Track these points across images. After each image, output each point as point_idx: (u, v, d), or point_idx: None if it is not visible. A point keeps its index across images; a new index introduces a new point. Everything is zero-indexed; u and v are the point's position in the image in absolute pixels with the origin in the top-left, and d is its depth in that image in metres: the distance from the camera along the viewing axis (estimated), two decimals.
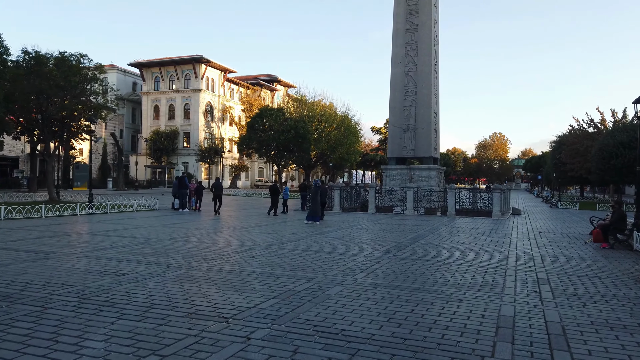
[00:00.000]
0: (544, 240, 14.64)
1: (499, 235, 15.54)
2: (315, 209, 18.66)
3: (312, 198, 18.92)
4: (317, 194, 19.04)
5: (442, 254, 11.19)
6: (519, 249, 12.54)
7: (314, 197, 18.90)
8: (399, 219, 22.04)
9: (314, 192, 19.27)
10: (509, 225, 19.76)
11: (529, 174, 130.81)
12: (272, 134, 48.52)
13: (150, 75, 75.28)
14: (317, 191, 19.19)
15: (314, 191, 19.29)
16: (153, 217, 19.76)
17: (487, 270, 9.11)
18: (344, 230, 16.00)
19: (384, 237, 14.21)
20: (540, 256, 11.25)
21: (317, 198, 18.87)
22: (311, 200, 19.03)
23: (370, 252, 11.10)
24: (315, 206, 18.73)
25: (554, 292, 7.42)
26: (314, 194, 19.04)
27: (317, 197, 18.96)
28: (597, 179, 42.61)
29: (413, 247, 12.22)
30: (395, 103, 29.62)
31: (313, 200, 18.82)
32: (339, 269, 8.82)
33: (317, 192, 19.10)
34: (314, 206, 18.70)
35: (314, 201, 18.79)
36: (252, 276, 7.97)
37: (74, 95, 26.21)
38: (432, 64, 29.11)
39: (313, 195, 19.04)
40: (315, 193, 19.06)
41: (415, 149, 29.14)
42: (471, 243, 13.39)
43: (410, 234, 15.27)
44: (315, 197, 18.87)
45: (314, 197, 18.90)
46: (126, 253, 10.12)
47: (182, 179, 23.70)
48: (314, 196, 18.92)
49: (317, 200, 18.89)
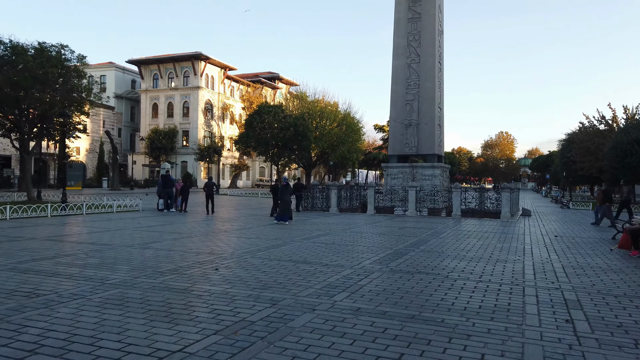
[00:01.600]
0: (562, 246, 12.86)
1: (510, 240, 13.77)
2: (285, 208, 17.83)
3: (280, 197, 18.07)
4: (284, 192, 18.13)
5: (446, 264, 9.45)
6: (536, 257, 10.77)
7: (281, 196, 18.04)
8: (400, 220, 20.29)
9: (281, 191, 18.35)
10: (520, 228, 17.97)
11: (535, 174, 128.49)
12: (271, 132, 46.84)
13: (148, 72, 73.86)
14: (284, 190, 18.28)
15: (282, 190, 18.37)
16: (130, 219, 18.13)
17: (500, 288, 7.36)
18: (335, 235, 14.28)
19: (380, 243, 12.48)
20: (562, 267, 9.49)
21: (285, 197, 17.97)
22: (280, 199, 18.17)
23: (360, 262, 9.38)
24: (285, 206, 17.87)
25: (590, 321, 5.67)
26: (281, 193, 18.16)
27: (287, 197, 18.07)
28: (611, 178, 40.62)
29: (411, 255, 10.48)
30: (397, 97, 27.86)
31: (281, 199, 17.95)
32: (316, 286, 7.11)
33: (284, 191, 18.18)
34: (282, 206, 17.86)
35: (282, 200, 17.91)
36: (202, 298, 6.27)
37: (54, 88, 24.59)
38: (436, 55, 27.32)
39: (280, 194, 18.17)
40: (282, 192, 18.17)
41: (418, 146, 27.36)
42: (479, 250, 11.64)
43: (409, 239, 13.53)
44: (283, 196, 17.99)
45: (281, 196, 18.04)
46: (64, 264, 8.46)
47: (166, 178, 22.09)
48: (281, 195, 18.06)
49: (286, 199, 18.01)
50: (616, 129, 50.67)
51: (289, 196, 18.30)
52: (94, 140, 68.88)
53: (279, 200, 18.25)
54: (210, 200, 22.84)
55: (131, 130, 77.78)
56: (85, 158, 69.73)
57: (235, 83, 79.82)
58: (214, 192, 24.22)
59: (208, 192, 23.03)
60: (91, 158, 69.45)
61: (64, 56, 25.09)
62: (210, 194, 23.18)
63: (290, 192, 19.00)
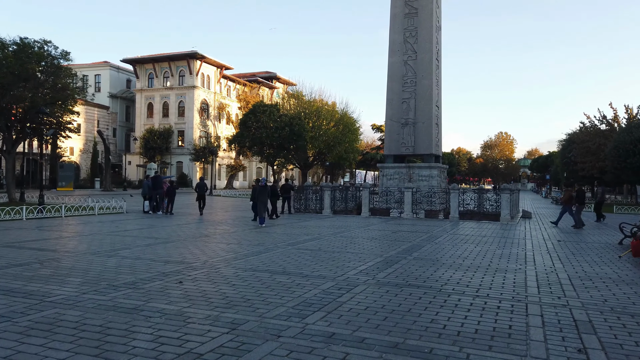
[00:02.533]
0: (567, 252, 11.95)
1: (510, 246, 12.86)
2: (261, 210, 17.25)
3: (258, 198, 17.49)
4: (262, 194, 17.55)
5: (440, 274, 8.54)
6: (539, 265, 9.86)
7: (258, 197, 17.46)
8: (395, 223, 19.38)
9: (258, 192, 17.76)
10: (521, 231, 17.06)
11: (535, 174, 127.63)
12: (266, 132, 45.90)
13: (143, 72, 72.92)
14: (262, 191, 17.66)
15: (259, 191, 17.75)
16: (109, 222, 17.19)
17: (500, 305, 6.45)
18: (324, 239, 13.36)
19: (370, 249, 11.56)
20: (568, 277, 8.58)
21: (263, 198, 17.43)
22: (257, 200, 17.60)
23: (345, 272, 8.47)
24: (262, 207, 17.28)
25: (607, 351, 4.76)
26: (258, 194, 17.60)
27: (264, 198, 17.56)
28: (613, 179, 39.76)
29: (403, 264, 9.56)
30: (393, 95, 26.95)
31: (258, 200, 17.38)
32: (288, 304, 6.19)
33: (262, 192, 17.59)
34: (259, 207, 17.27)
35: (259, 202, 17.33)
36: (149, 321, 5.34)
37: (36, 86, 23.61)
38: (433, 51, 26.42)
39: (257, 195, 17.61)
40: (260, 193, 17.59)
41: (414, 146, 26.45)
42: (477, 257, 10.72)
43: (403, 244, 12.61)
44: (260, 197, 17.42)
45: (258, 197, 17.46)
46: (10, 277, 7.53)
47: (156, 179, 21.16)
48: (258, 196, 17.49)
49: (263, 200, 17.40)
50: (617, 128, 49.82)
51: (265, 197, 17.74)
52: (88, 140, 67.92)
53: (257, 202, 17.67)
54: (201, 201, 22.63)
55: (126, 130, 76.83)
56: (79, 158, 68.78)
57: (231, 83, 78.91)
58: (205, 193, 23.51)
59: (200, 193, 22.71)
60: (85, 158, 68.47)
61: (47, 52, 24.12)
62: (203, 194, 22.88)
63: (267, 193, 18.39)
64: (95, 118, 71.79)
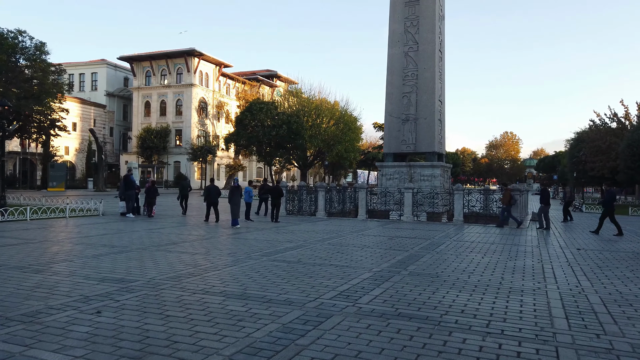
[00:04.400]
0: (590, 263, 10.16)
1: (524, 256, 11.08)
2: (234, 211, 16.51)
3: (229, 200, 16.88)
4: (235, 194, 16.94)
5: (440, 297, 6.79)
6: (561, 283, 8.09)
7: (231, 198, 16.86)
8: (393, 227, 17.63)
9: (230, 192, 17.27)
10: (532, 237, 15.26)
11: (541, 174, 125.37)
12: (262, 130, 44.21)
13: (141, 69, 71.43)
14: (234, 191, 17.12)
15: (231, 191, 17.27)
16: (75, 227, 15.54)
17: (520, 351, 4.69)
18: (308, 247, 11.63)
19: (358, 261, 9.82)
20: (601, 301, 6.81)
21: (235, 199, 16.72)
22: (229, 202, 16.99)
23: (320, 294, 6.74)
24: (235, 208, 16.51)
25: None
26: (231, 195, 17.04)
27: (237, 199, 16.81)
28: (626, 179, 37.79)
29: (395, 281, 7.82)
30: (393, 89, 25.19)
31: (231, 201, 16.75)
32: (226, 350, 4.46)
33: (234, 193, 17.01)
34: (232, 208, 16.55)
35: (231, 203, 16.67)
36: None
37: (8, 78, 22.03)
38: (436, 42, 24.63)
39: (230, 196, 17.05)
40: (232, 194, 17.05)
41: (416, 143, 24.69)
42: (485, 271, 8.97)
43: (398, 254, 10.86)
44: (233, 198, 16.79)
45: (231, 198, 16.86)
46: None
47: (127, 178, 19.50)
48: (231, 197, 16.88)
49: (235, 201, 16.65)
50: (629, 126, 47.81)
51: (238, 198, 16.88)
52: (84, 139, 66.47)
53: (229, 203, 16.78)
54: (184, 201, 21.88)
55: (123, 129, 75.42)
56: (75, 158, 67.40)
57: (231, 81, 77.33)
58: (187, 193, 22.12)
59: (183, 193, 21.80)
60: (81, 158, 67.05)
61: (21, 43, 22.52)
62: (186, 194, 21.98)
63: (240, 194, 17.38)
64: (92, 117, 70.39)
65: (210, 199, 18.07)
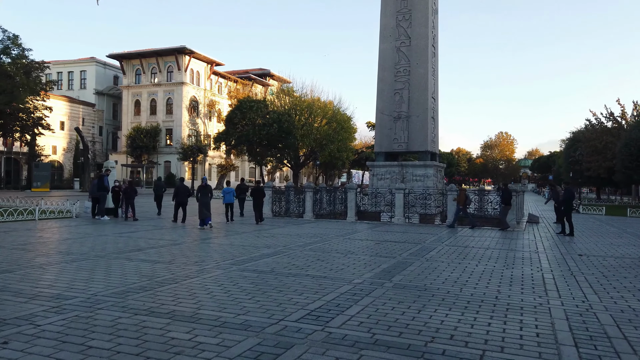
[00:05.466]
0: (595, 272, 9.22)
1: (521, 263, 10.12)
2: (202, 210, 15.83)
3: (199, 199, 16.18)
4: (204, 194, 16.18)
5: (426, 317, 5.81)
6: (565, 296, 7.13)
7: (200, 197, 16.12)
8: (382, 230, 16.65)
9: (198, 191, 16.49)
10: (530, 241, 14.33)
11: (536, 175, 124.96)
12: (252, 129, 43.13)
13: (130, 67, 70.13)
14: (203, 191, 16.33)
15: (199, 190, 16.48)
16: (41, 230, 14.44)
17: None
18: (287, 254, 10.62)
19: (339, 270, 8.82)
20: (613, 321, 5.86)
21: (205, 199, 15.98)
22: (198, 201, 16.30)
23: (286, 315, 5.73)
24: (203, 208, 15.83)
25: None
26: (199, 194, 16.28)
27: (205, 198, 16.02)
28: (623, 179, 37.04)
29: (376, 296, 6.82)
30: (384, 85, 24.25)
31: (199, 201, 16.08)
32: None
33: (203, 192, 16.23)
34: (200, 208, 15.91)
35: (200, 202, 16.00)
36: None
37: None
38: (429, 37, 23.70)
39: (197, 196, 16.40)
40: (200, 193, 16.29)
41: (408, 142, 23.75)
42: (480, 282, 8.00)
43: (384, 261, 9.88)
44: (202, 197, 16.04)
45: (200, 197, 16.12)
46: None
47: (101, 178, 18.41)
48: (200, 197, 16.14)
49: (205, 201, 15.93)
50: (626, 126, 47.16)
51: (208, 198, 16.14)
52: (72, 138, 65.09)
53: (197, 202, 16.01)
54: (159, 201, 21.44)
55: (112, 128, 74.09)
56: (63, 158, 66.02)
57: (223, 79, 76.15)
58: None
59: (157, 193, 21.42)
60: (69, 157, 65.66)
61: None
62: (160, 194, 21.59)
63: (209, 193, 16.57)
64: (80, 116, 69.04)
65: (179, 198, 17.75)
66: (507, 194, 17.87)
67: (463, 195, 18.11)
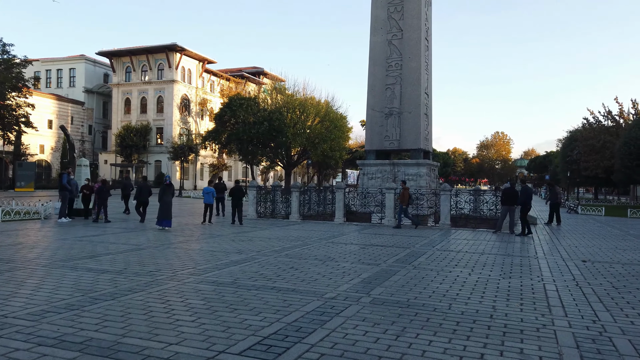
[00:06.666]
0: (604, 282, 8.14)
1: (520, 272, 9.03)
2: (165, 210, 15.00)
3: (159, 198, 15.31)
4: (166, 193, 15.47)
5: (403, 346, 4.69)
6: (572, 314, 6.04)
7: (162, 197, 15.29)
8: (371, 233, 15.54)
9: (161, 190, 15.72)
10: (528, 244, 13.26)
11: (532, 175, 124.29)
12: (242, 127, 41.93)
13: (120, 65, 68.81)
14: (165, 190, 15.63)
15: (162, 190, 15.71)
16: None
17: None
18: (257, 261, 9.48)
19: (312, 281, 7.70)
20: (634, 350, 4.77)
21: (167, 198, 15.22)
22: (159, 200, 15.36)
23: (228, 346, 4.60)
24: (164, 207, 15.01)
25: None
26: (161, 193, 15.51)
27: (167, 197, 15.27)
28: (623, 179, 36.08)
29: (347, 316, 5.70)
30: (375, 80, 23.14)
31: (161, 200, 15.18)
32: None
33: (165, 191, 15.53)
34: (161, 208, 15.07)
35: (162, 202, 15.14)
36: None
37: None
38: (422, 29, 22.62)
39: (161, 194, 15.44)
40: (162, 192, 15.56)
41: (400, 139, 22.66)
42: (472, 297, 6.90)
43: (365, 270, 8.76)
44: (164, 197, 15.25)
45: (162, 197, 15.29)
46: None
47: (61, 178, 17.21)
48: (162, 196, 15.33)
49: (167, 200, 15.13)
50: (624, 125, 46.29)
51: (170, 197, 15.45)
52: (60, 137, 63.61)
53: (159, 202, 15.15)
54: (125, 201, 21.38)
55: (102, 127, 72.72)
56: (51, 157, 64.64)
57: (215, 77, 74.91)
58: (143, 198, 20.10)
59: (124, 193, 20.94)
60: (57, 157, 64.24)
61: None
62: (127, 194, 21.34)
63: (172, 192, 15.96)
64: (69, 114, 67.70)
65: (141, 197, 17.08)
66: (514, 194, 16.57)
67: (406, 194, 17.55)
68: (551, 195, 20.97)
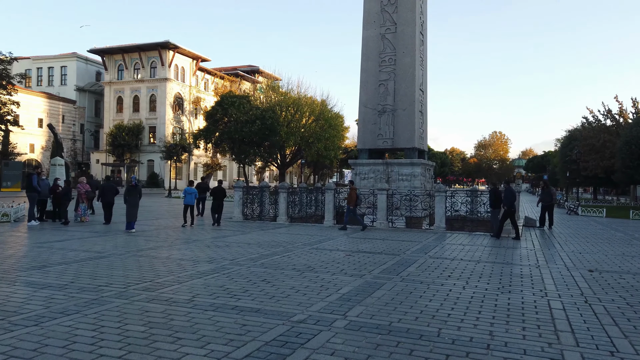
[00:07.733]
0: (614, 296, 7.17)
1: (520, 283, 8.05)
2: (131, 212, 14.40)
3: (126, 200, 14.71)
4: (131, 194, 14.78)
5: None
6: (584, 343, 5.05)
7: (127, 198, 14.69)
8: (360, 237, 14.55)
9: (126, 192, 15.14)
10: (529, 251, 12.27)
11: (530, 175, 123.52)
12: (234, 126, 40.89)
13: (113, 63, 67.67)
14: (131, 191, 14.97)
15: (127, 191, 15.11)
16: None
17: None
18: (227, 272, 8.47)
19: (282, 298, 6.69)
20: None
21: (133, 200, 14.56)
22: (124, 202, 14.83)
23: None
24: (129, 209, 14.43)
25: None
26: (126, 195, 14.89)
27: (133, 199, 14.62)
28: (623, 178, 35.17)
29: (312, 347, 4.69)
30: (368, 76, 22.15)
31: (127, 202, 14.61)
32: None
33: (130, 193, 14.87)
34: (128, 210, 14.47)
35: (128, 203, 14.56)
36: None
37: None
38: (417, 23, 21.63)
39: (126, 196, 14.85)
40: (127, 193, 14.96)
41: (394, 138, 21.68)
42: (466, 317, 5.90)
43: (347, 283, 7.75)
44: (130, 198, 14.60)
45: (127, 198, 14.69)
46: None
47: (30, 179, 16.20)
48: (127, 197, 14.74)
49: (132, 202, 14.49)
50: (624, 124, 45.40)
51: (136, 199, 14.76)
52: (50, 136, 62.37)
53: (124, 203, 14.55)
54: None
55: (94, 126, 71.53)
56: (41, 156, 63.44)
57: (209, 76, 73.80)
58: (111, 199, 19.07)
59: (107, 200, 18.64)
60: (47, 156, 62.97)
61: None
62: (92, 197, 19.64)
63: (138, 193, 15.12)
64: (60, 113, 66.55)
65: (106, 198, 16.41)
66: (498, 194, 15.77)
67: (354, 194, 16.84)
68: (543, 197, 19.96)
